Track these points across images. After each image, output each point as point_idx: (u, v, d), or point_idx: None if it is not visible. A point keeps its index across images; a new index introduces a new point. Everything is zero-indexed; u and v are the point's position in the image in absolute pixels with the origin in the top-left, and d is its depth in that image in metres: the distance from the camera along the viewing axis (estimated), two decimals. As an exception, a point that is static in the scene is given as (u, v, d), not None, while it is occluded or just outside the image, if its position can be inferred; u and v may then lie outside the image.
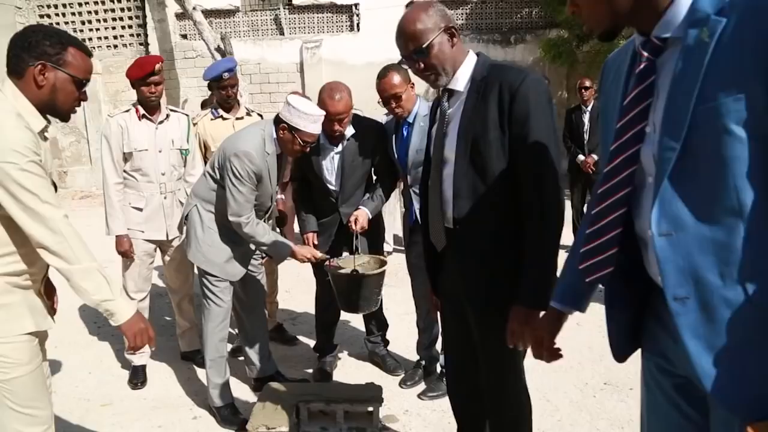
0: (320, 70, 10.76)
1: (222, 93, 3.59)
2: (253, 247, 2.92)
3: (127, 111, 3.30)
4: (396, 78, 2.83)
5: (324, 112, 2.72)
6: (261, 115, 3.88)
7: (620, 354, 1.30)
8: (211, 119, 3.66)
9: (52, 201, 1.72)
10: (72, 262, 1.73)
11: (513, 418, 2.01)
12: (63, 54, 1.76)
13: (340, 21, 11.12)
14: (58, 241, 1.71)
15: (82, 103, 1.89)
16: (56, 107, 1.82)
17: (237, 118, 3.66)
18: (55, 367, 3.62)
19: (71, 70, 1.78)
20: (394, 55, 1.87)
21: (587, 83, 5.76)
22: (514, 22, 11.11)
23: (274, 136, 2.73)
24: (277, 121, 2.71)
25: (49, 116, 1.86)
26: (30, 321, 1.81)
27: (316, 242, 3.12)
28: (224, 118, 3.66)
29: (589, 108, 5.74)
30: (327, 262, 2.90)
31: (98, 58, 11.24)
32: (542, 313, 1.58)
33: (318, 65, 10.77)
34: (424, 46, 1.73)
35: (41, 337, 1.92)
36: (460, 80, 1.81)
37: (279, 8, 11.04)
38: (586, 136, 5.77)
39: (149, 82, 3.18)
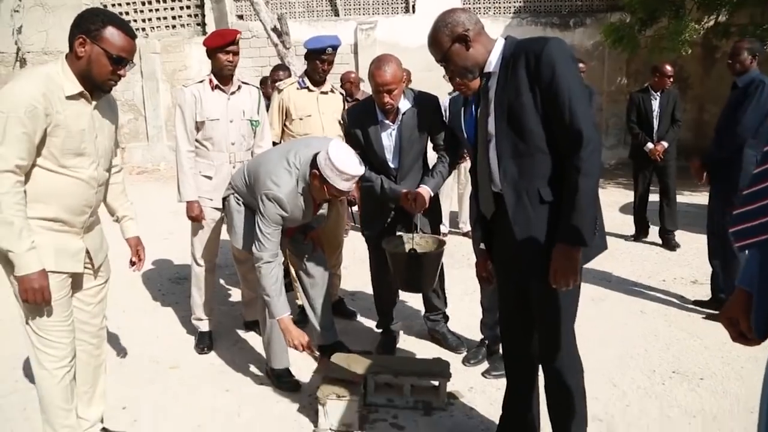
0: (374, 52, 10.69)
1: (318, 65, 3.62)
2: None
3: (201, 82, 3.36)
4: None
5: (358, 173, 2.62)
6: (342, 94, 3.92)
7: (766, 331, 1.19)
8: (297, 88, 3.68)
9: (7, 155, 1.89)
10: None
11: (570, 366, 2.08)
12: (101, 31, 2.02)
13: (395, 2, 11.03)
14: None
15: (121, 78, 2.12)
16: (92, 78, 2.07)
17: (321, 92, 3.69)
18: (125, 331, 3.75)
19: (106, 45, 2.03)
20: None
21: (668, 70, 5.39)
22: (574, 5, 10.77)
23: (308, 177, 2.69)
24: (313, 163, 2.66)
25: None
26: (52, 261, 2.05)
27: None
28: (310, 90, 3.67)
29: (659, 93, 5.49)
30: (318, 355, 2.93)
31: (157, 38, 11.47)
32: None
33: (372, 47, 10.72)
34: (443, 56, 1.97)
35: (74, 278, 2.18)
36: (493, 62, 1.97)
37: (334, -11, 11.03)
38: (655, 123, 5.51)
39: (228, 51, 3.26)
